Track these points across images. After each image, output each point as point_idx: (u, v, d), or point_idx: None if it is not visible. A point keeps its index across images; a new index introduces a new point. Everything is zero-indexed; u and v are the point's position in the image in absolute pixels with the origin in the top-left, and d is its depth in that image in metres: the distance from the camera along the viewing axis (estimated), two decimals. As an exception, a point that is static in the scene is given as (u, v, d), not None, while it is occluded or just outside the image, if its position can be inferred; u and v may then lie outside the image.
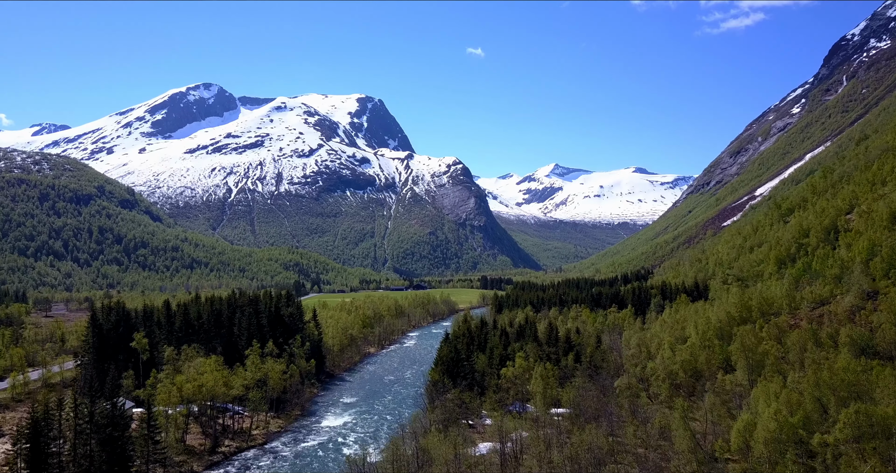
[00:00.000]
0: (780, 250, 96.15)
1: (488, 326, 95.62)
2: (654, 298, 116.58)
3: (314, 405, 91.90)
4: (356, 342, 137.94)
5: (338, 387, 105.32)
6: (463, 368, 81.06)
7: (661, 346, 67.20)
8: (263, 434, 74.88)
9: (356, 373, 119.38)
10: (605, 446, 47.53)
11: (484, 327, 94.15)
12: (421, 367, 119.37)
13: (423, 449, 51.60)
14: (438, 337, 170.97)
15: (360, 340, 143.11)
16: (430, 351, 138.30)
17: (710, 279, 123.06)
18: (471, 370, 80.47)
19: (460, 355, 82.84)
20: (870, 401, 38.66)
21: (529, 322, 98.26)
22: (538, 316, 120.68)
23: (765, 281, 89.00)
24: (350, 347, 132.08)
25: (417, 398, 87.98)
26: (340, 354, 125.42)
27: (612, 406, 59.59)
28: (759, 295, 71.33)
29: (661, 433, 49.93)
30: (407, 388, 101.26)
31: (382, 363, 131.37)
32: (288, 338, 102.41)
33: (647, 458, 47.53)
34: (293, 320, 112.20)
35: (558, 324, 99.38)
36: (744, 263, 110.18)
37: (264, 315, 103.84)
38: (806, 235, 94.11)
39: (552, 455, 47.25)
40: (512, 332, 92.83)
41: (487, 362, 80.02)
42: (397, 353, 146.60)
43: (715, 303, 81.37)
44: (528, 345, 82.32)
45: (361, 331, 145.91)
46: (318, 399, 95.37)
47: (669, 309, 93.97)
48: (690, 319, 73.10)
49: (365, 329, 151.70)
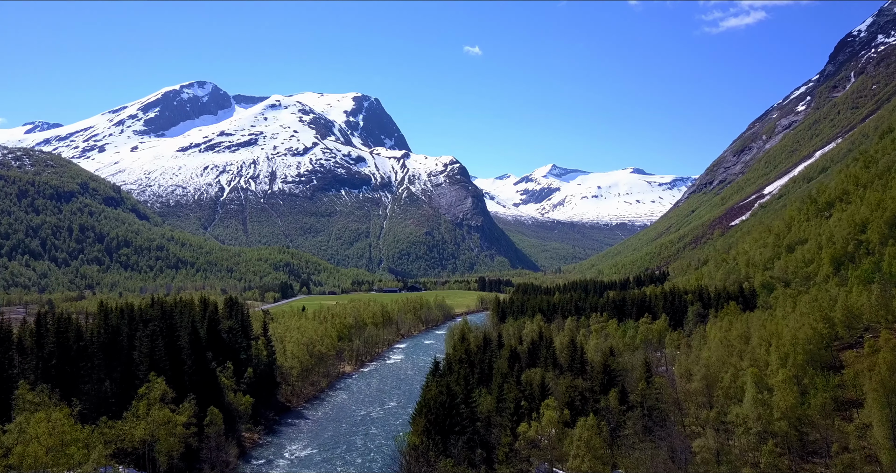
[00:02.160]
0: (836, 249, 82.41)
1: (492, 345, 77.62)
2: (691, 306, 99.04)
3: (246, 464, 64.85)
4: (326, 360, 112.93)
5: (290, 429, 80.00)
6: (460, 417, 56.09)
7: (735, 378, 51.22)
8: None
9: (321, 405, 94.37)
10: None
11: (487, 347, 75.54)
12: (407, 394, 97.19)
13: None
14: (431, 351, 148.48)
15: (332, 357, 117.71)
16: (419, 370, 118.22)
17: (743, 281, 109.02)
18: (471, 418, 57.68)
19: (455, 398, 57.42)
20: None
21: (544, 337, 79.44)
22: (550, 327, 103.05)
23: (819, 284, 75.29)
24: (317, 367, 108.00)
25: (396, 455, 60.67)
26: (302, 378, 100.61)
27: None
28: (842, 305, 56.95)
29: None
30: (386, 428, 77.95)
31: (359, 387, 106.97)
32: (224, 362, 78.33)
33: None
34: (234, 336, 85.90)
35: (580, 339, 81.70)
36: (786, 264, 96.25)
37: (184, 331, 72.20)
38: (863, 230, 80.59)
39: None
40: (523, 352, 74.85)
41: (496, 405, 59.08)
42: (379, 372, 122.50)
43: (777, 313, 66.78)
44: (549, 374, 63.82)
45: (334, 346, 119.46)
46: (252, 455, 68.29)
47: (714, 320, 78.20)
48: (756, 335, 57.59)
49: (341, 342, 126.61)
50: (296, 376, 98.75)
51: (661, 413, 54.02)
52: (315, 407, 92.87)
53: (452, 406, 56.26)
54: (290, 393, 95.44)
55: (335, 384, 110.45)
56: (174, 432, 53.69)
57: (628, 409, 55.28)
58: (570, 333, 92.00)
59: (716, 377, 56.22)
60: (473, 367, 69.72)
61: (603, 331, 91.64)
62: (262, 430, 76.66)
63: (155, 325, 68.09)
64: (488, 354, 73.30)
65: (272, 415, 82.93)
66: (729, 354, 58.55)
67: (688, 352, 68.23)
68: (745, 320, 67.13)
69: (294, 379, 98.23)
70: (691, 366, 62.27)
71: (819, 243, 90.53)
